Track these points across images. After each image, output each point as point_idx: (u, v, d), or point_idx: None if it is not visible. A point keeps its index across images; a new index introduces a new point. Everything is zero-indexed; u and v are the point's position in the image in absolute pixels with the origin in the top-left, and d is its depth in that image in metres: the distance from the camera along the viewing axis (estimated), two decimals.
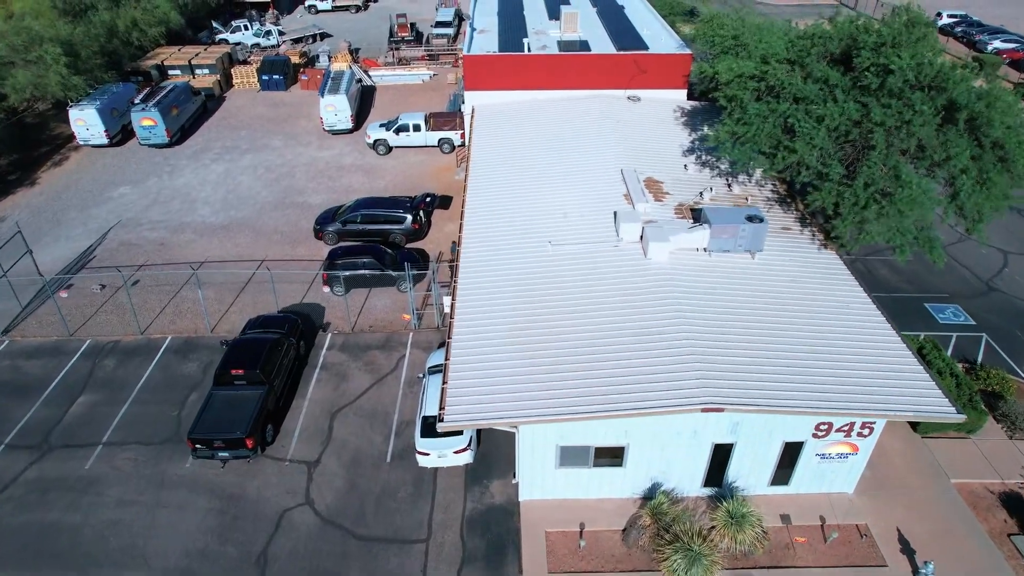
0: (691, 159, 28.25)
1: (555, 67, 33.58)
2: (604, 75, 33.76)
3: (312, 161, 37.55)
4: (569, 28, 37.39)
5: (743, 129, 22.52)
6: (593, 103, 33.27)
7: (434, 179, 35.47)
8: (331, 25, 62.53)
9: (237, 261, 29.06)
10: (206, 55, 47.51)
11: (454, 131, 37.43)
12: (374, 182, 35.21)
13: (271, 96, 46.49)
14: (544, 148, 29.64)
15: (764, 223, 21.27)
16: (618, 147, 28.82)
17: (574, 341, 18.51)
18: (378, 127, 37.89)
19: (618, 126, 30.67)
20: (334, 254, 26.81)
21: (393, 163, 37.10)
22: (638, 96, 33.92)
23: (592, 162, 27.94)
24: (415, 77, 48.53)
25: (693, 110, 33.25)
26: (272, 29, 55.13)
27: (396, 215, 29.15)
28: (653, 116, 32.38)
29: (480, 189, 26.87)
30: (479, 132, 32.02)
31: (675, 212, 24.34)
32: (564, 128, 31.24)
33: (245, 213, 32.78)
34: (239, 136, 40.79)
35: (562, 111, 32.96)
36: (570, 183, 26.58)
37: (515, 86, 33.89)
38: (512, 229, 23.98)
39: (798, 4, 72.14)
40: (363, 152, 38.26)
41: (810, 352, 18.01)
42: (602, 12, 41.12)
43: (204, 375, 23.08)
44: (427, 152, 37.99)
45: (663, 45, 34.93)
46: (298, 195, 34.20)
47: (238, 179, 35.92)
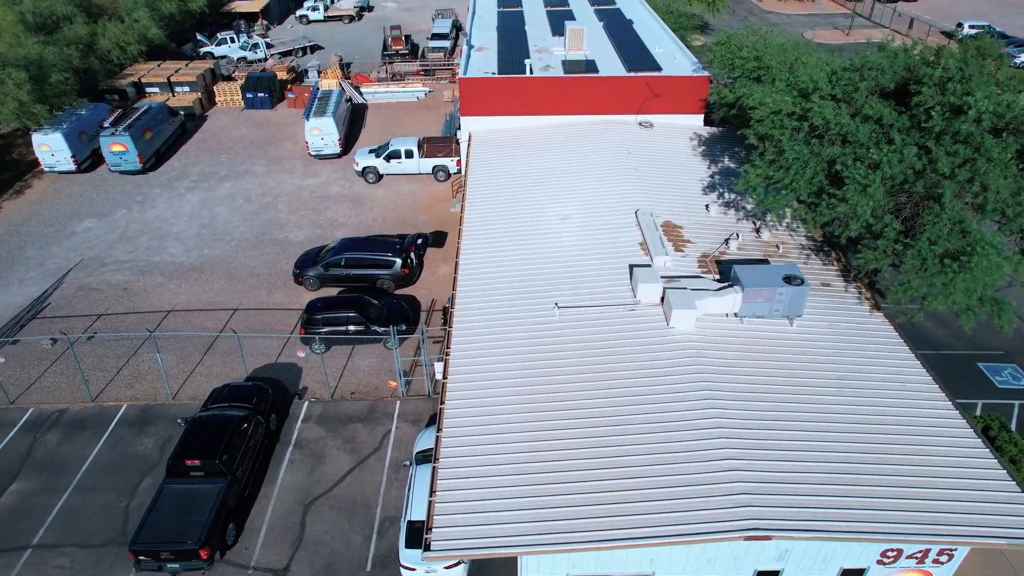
0: (713, 197, 25.32)
1: (560, 91, 30.67)
2: (613, 99, 30.85)
3: (296, 190, 34.60)
4: (574, 46, 34.48)
5: (780, 174, 19.56)
6: (602, 130, 30.35)
7: (427, 211, 32.53)
8: (323, 36, 59.63)
9: (206, 310, 26.10)
10: (187, 71, 44.59)
11: (449, 158, 34.50)
12: (362, 215, 32.26)
13: (255, 115, 43.55)
14: (548, 182, 26.73)
15: (805, 286, 18.31)
16: (631, 182, 25.88)
17: (587, 439, 15.57)
18: (367, 153, 34.95)
19: (630, 158, 27.71)
20: (313, 307, 23.84)
21: (383, 193, 34.15)
22: (650, 122, 30.99)
23: (602, 200, 25.02)
24: (409, 94, 45.61)
25: (711, 137, 30.32)
26: (259, 42, 52.23)
27: (384, 259, 26.19)
28: (668, 145, 29.45)
29: (477, 231, 23.95)
30: (476, 162, 29.11)
31: (698, 265, 21.38)
32: (570, 159, 28.31)
33: (220, 251, 29.81)
34: (219, 161, 37.84)
35: (568, 139, 30.05)
36: (578, 224, 23.66)
37: (516, 111, 30.98)
38: (513, 281, 21.05)
39: (809, 13, 69.32)
40: (351, 180, 35.32)
41: (872, 454, 15.06)
42: (609, 27, 38.21)
43: (161, 454, 20.11)
44: (420, 180, 35.05)
45: (677, 66, 32.00)
46: (279, 230, 31.23)
47: (215, 211, 32.96)
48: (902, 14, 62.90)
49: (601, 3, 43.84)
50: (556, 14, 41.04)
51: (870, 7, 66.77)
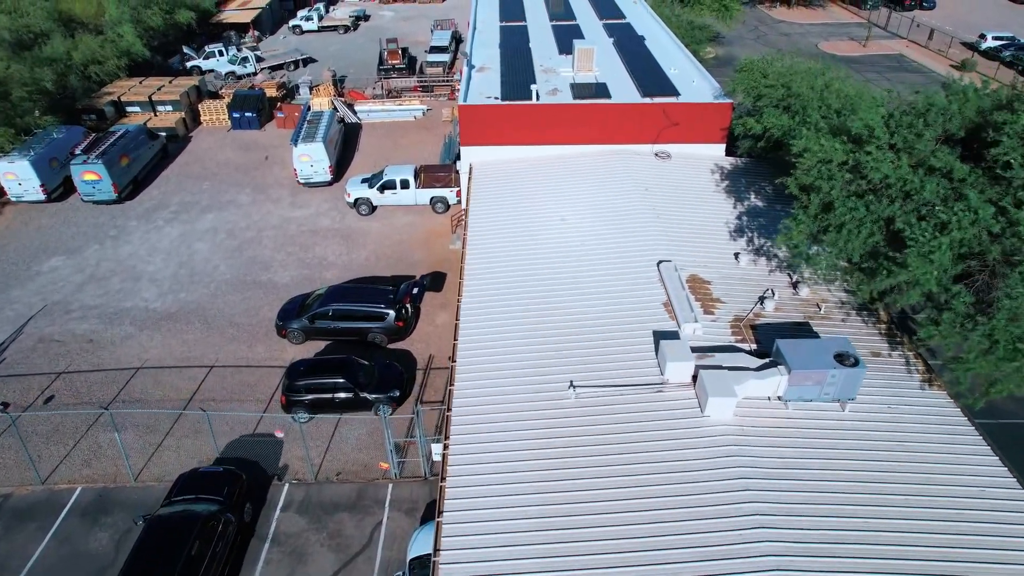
0: (742, 243, 22.75)
1: (569, 119, 28.11)
2: (627, 127, 28.29)
3: (282, 223, 32.01)
4: (584, 67, 31.92)
5: (831, 236, 16.98)
6: (615, 162, 27.79)
7: (425, 248, 29.95)
8: (317, 48, 57.07)
9: (179, 367, 23.51)
10: (170, 89, 42.00)
11: (448, 188, 31.93)
12: (353, 253, 29.67)
13: (243, 136, 40.97)
14: (558, 221, 24.20)
15: (860, 368, 15.72)
16: (651, 226, 23.34)
17: (609, 542, 13.28)
18: (359, 183, 32.36)
19: (648, 196, 25.14)
20: (295, 371, 21.24)
21: (377, 226, 31.56)
22: (668, 152, 28.43)
23: (620, 247, 22.46)
24: (406, 113, 43.03)
25: (735, 170, 27.75)
26: (249, 55, 49.65)
27: (376, 311, 23.61)
28: (688, 180, 26.87)
29: (479, 281, 21.47)
30: (478, 197, 26.55)
31: (731, 330, 18.80)
32: (582, 195, 25.76)
33: (197, 296, 27.22)
34: (201, 189, 35.25)
35: (579, 171, 27.48)
36: (593, 277, 21.10)
37: (521, 140, 28.43)
38: (520, 350, 18.48)
39: (822, 23, 66.81)
40: (342, 211, 32.74)
41: (939, 561, 12.64)
42: (620, 44, 35.64)
43: (116, 553, 17.52)
44: (417, 212, 32.47)
45: (696, 90, 29.44)
46: (262, 270, 28.64)
47: (194, 247, 30.36)
48: (921, 24, 60.34)
49: (610, 16, 41.32)
50: (562, 29, 38.50)
51: (886, 17, 64.25)
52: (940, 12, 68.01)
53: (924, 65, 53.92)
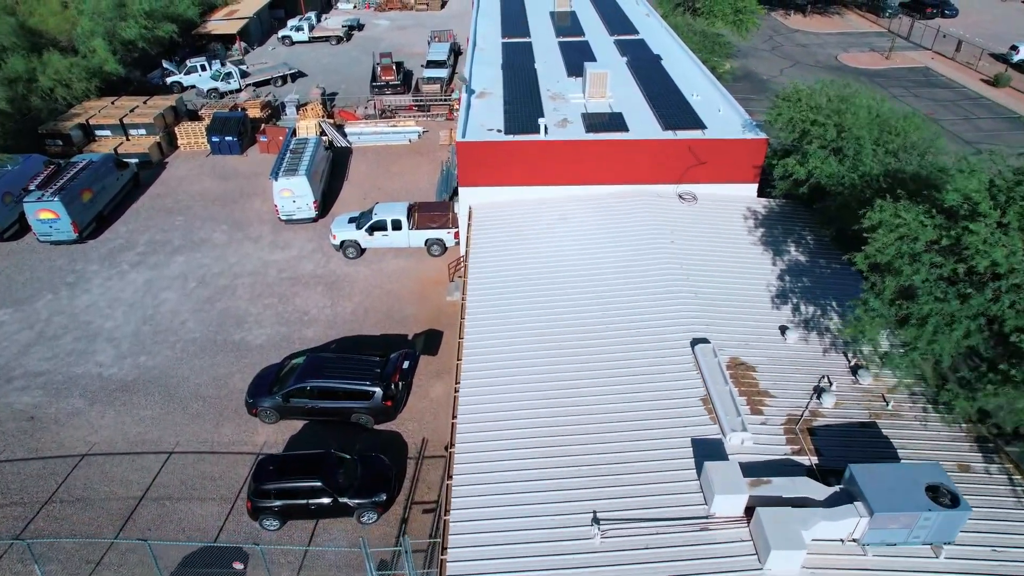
0: (787, 312, 19.52)
1: (582, 156, 24.85)
2: (648, 166, 25.04)
3: (261, 268, 28.71)
4: (596, 93, 28.65)
5: (911, 331, 13.71)
6: (635, 205, 24.56)
7: (419, 300, 26.66)
8: (307, 60, 53.75)
9: (132, 454, 20.25)
10: (144, 110, 38.66)
11: (445, 229, 28.62)
12: (338, 305, 26.38)
13: (222, 163, 37.67)
14: (569, 277, 21.16)
15: (963, 508, 12.48)
16: (679, 286, 20.19)
17: None
18: (346, 223, 29.05)
19: (675, 251, 21.88)
20: (263, 471, 17.95)
21: (366, 273, 28.27)
22: (693, 194, 25.17)
23: (645, 315, 19.27)
24: (400, 136, 39.73)
25: (770, 215, 24.50)
26: (233, 71, 46.31)
27: (361, 388, 20.33)
28: (719, 227, 23.62)
29: (479, 351, 18.56)
30: (478, 246, 23.36)
31: (786, 436, 15.55)
32: (598, 246, 22.59)
33: (160, 359, 23.94)
34: (173, 225, 31.96)
35: (593, 217, 24.27)
36: (616, 359, 17.88)
37: (527, 180, 25.19)
38: (528, 456, 15.29)
39: (839, 32, 63.48)
40: (327, 254, 29.45)
41: None
42: (635, 65, 32.35)
43: None
44: (410, 255, 29.18)
45: (723, 122, 26.17)
46: (235, 327, 25.36)
47: (161, 298, 27.08)
48: (947, 35, 57.00)
49: (621, 31, 38.04)
50: (571, 47, 35.20)
51: (908, 26, 60.91)
52: (963, 20, 64.66)
53: (953, 80, 50.62)
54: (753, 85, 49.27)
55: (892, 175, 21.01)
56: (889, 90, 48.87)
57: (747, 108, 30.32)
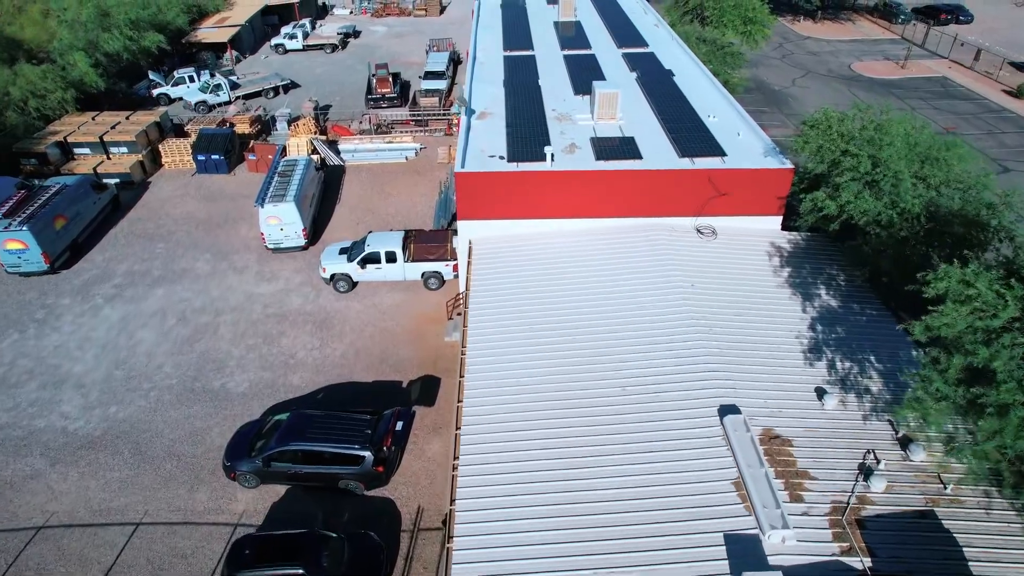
0: (822, 370, 17.55)
1: (591, 187, 22.86)
2: (663, 198, 23.05)
3: (245, 303, 26.71)
4: (606, 114, 26.67)
5: (992, 424, 11.72)
6: (649, 241, 22.57)
7: (415, 341, 24.66)
8: (300, 69, 51.75)
9: (94, 526, 18.23)
10: (126, 127, 36.62)
11: (443, 261, 26.61)
12: (327, 347, 24.39)
13: (208, 182, 35.67)
14: (578, 325, 19.24)
15: None
16: (701, 340, 18.19)
17: None
18: (336, 255, 27.02)
19: (695, 296, 19.90)
20: (238, 555, 15.95)
21: (358, 308, 26.28)
22: (712, 228, 23.19)
23: (664, 375, 17.28)
24: (397, 153, 37.72)
25: (796, 251, 22.54)
26: (222, 82, 44.27)
27: (350, 452, 18.33)
28: (742, 268, 21.64)
29: (480, 402, 16.57)
30: (479, 285, 21.44)
31: (831, 530, 13.56)
32: (609, 286, 20.67)
33: (132, 410, 21.94)
34: (153, 253, 29.96)
35: (603, 252, 22.32)
36: (633, 426, 15.90)
37: (531, 213, 23.21)
38: (537, 560, 13.30)
39: (851, 39, 61.48)
40: (317, 286, 27.45)
41: None
42: (646, 81, 30.35)
43: None
44: (406, 288, 27.17)
45: (744, 147, 24.18)
46: (216, 372, 23.37)
47: (136, 337, 25.09)
48: (965, 43, 54.97)
49: (630, 43, 36.05)
50: (577, 61, 33.20)
51: (923, 33, 58.90)
52: (978, 27, 62.66)
53: (972, 90, 48.61)
54: (765, 97, 47.27)
55: (934, 213, 19.08)
56: (906, 101, 46.89)
57: (759, 121, 28.50)
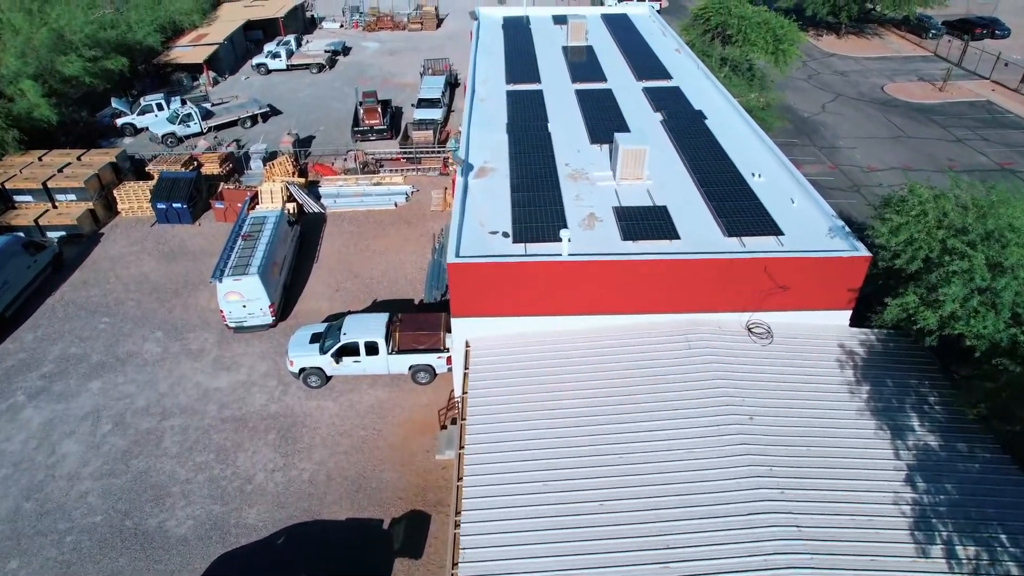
0: (920, 540, 13.13)
1: (617, 279, 18.35)
2: (706, 290, 18.56)
3: (198, 401, 22.22)
4: (631, 173, 22.24)
5: None
6: (688, 344, 18.13)
7: (400, 456, 20.16)
8: (283, 93, 47.22)
9: None
10: (75, 169, 32.08)
11: (436, 353, 22.12)
12: (292, 467, 19.88)
13: (169, 235, 31.16)
14: (600, 455, 14.93)
15: None
16: (760, 484, 13.84)
17: None
18: (307, 344, 22.48)
19: (752, 428, 15.48)
20: None
21: (332, 410, 21.79)
22: (766, 326, 18.69)
23: (713, 534, 12.88)
24: (385, 199, 33.21)
25: (872, 358, 18.10)
26: (193, 111, 39.72)
27: None
28: (808, 382, 17.25)
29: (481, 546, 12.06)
30: (478, 396, 17.29)
31: None
32: (640, 403, 16.44)
33: (35, 569, 17.42)
34: (95, 330, 25.47)
35: (631, 358, 17.90)
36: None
37: (542, 309, 18.74)
38: None
39: (880, 56, 56.97)
40: (284, 379, 22.96)
41: None
42: (674, 127, 25.86)
43: None
44: (391, 384, 22.68)
45: (801, 221, 19.74)
46: (154, 504, 18.85)
47: (60, 451, 20.60)
48: (1009, 63, 50.42)
49: (650, 74, 31.57)
50: (591, 99, 28.69)
51: (958, 49, 54.37)
52: (1016, 41, 58.16)
53: (1023, 117, 44.12)
54: (795, 125, 42.78)
55: None
56: (949, 130, 42.46)
57: (790, 155, 24.28)
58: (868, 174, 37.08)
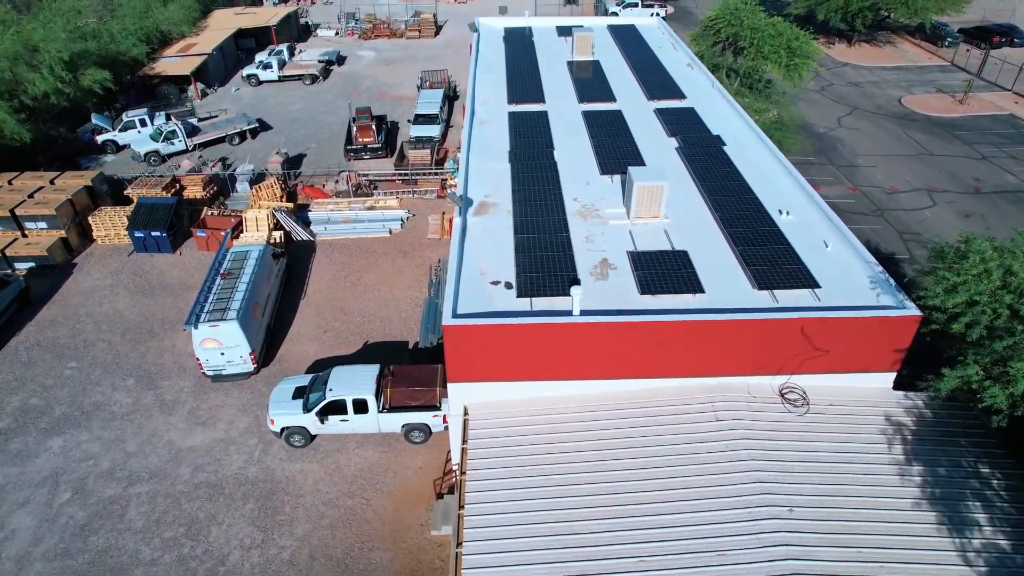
0: None
1: (634, 341, 16.26)
2: (736, 354, 16.48)
3: (169, 463, 20.12)
4: (647, 212, 20.21)
5: None
6: (714, 414, 16.05)
7: (391, 531, 18.05)
8: (274, 106, 45.14)
9: None
10: (47, 195, 29.99)
11: (432, 411, 20.02)
12: (272, 543, 17.78)
13: (147, 266, 29.07)
14: (612, 542, 12.72)
15: None
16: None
17: None
18: (288, 401, 20.34)
19: (791, 523, 13.42)
20: None
21: (316, 473, 19.70)
22: (802, 391, 16.63)
23: None
24: (379, 225, 31.12)
25: (922, 430, 16.05)
26: (177, 128, 37.64)
27: None
28: (849, 455, 15.25)
29: None
30: (478, 467, 15.34)
31: None
32: (659, 481, 14.38)
33: None
34: (61, 377, 23.39)
35: (649, 429, 15.82)
36: None
37: (550, 373, 16.65)
38: None
39: (895, 66, 54.88)
40: (265, 437, 20.88)
41: None
42: (691, 155, 23.81)
43: None
44: (381, 443, 20.60)
45: (839, 270, 17.68)
46: None
47: (9, 524, 18.46)
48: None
49: (662, 92, 29.49)
50: (600, 121, 26.62)
51: (978, 59, 52.27)
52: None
53: None
54: (810, 141, 40.63)
55: None
56: (974, 147, 40.38)
57: (807, 174, 22.52)
58: (891, 196, 35.00)
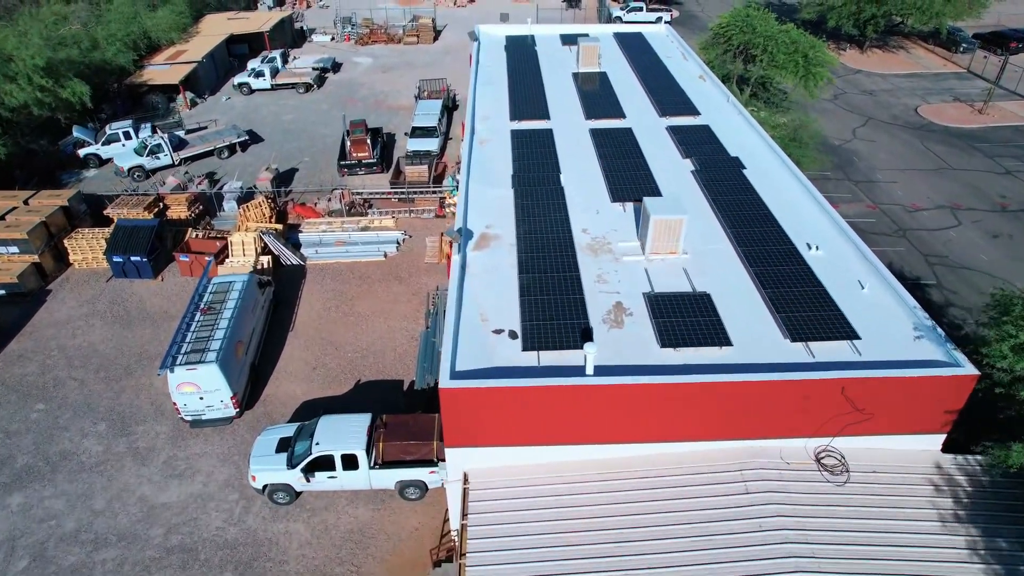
0: None
1: (653, 403, 14.48)
2: (768, 415, 14.71)
3: (140, 523, 18.35)
4: (664, 247, 18.45)
5: None
6: (745, 486, 14.26)
7: None
8: (266, 116, 43.35)
9: None
10: (19, 217, 28.16)
11: (428, 465, 18.24)
12: None
13: (126, 293, 27.29)
14: None
15: None
16: None
17: None
18: (272, 454, 18.56)
19: None
20: None
21: (302, 535, 17.93)
22: (840, 456, 14.87)
23: None
24: (373, 248, 29.33)
25: (975, 500, 14.28)
26: (162, 142, 35.84)
27: None
28: (896, 536, 13.45)
29: None
30: (479, 558, 13.20)
31: None
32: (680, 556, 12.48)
33: None
34: (26, 420, 21.60)
35: (671, 507, 14.04)
36: None
37: (559, 438, 14.89)
38: None
39: (909, 73, 53.11)
40: (246, 492, 19.11)
41: None
42: (709, 180, 22.05)
43: None
44: (373, 499, 18.83)
45: (881, 317, 15.93)
46: None
47: None
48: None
49: (674, 108, 27.69)
50: (609, 141, 24.85)
51: (996, 66, 50.47)
52: None
53: None
54: (832, 159, 38.80)
55: None
56: (997, 160, 38.64)
57: (824, 190, 21.11)
58: (913, 214, 33.25)
